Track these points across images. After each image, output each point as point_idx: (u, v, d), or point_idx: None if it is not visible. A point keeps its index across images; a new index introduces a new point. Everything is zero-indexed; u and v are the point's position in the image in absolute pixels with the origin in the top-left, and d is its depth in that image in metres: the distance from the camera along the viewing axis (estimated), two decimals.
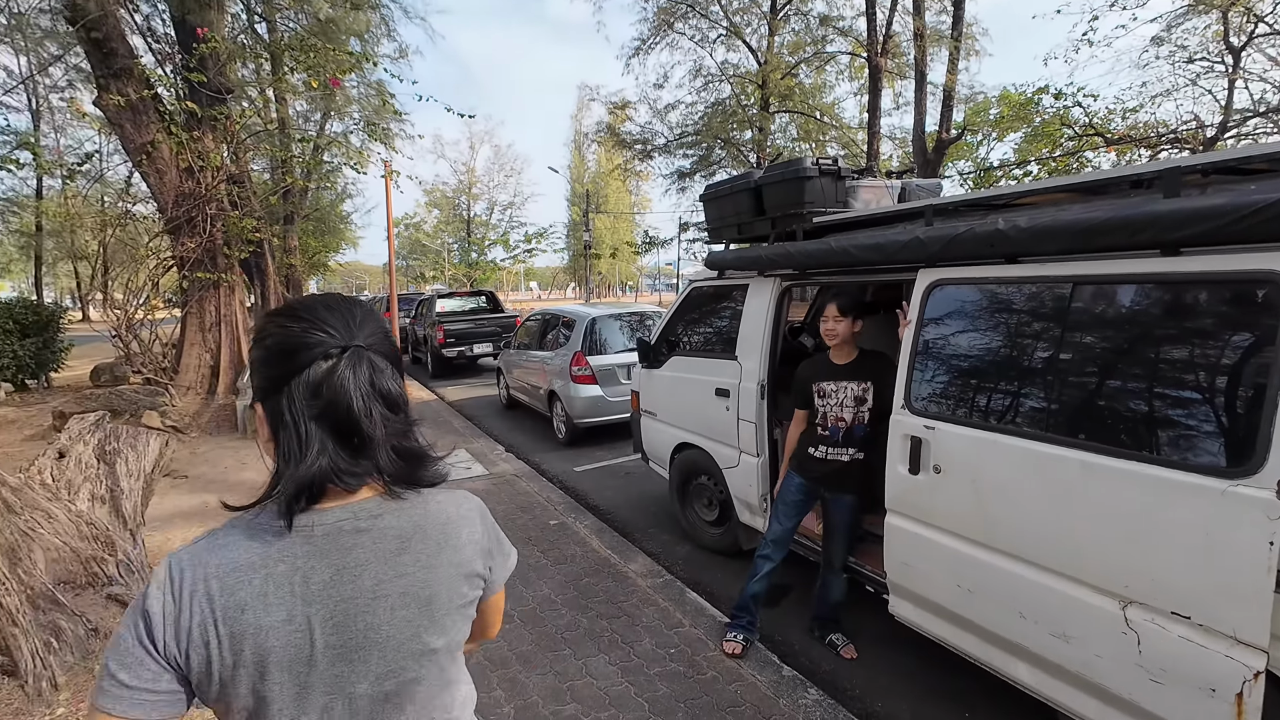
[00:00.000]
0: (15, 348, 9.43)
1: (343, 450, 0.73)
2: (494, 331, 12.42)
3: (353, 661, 0.73)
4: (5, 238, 30.43)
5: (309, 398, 0.71)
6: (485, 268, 34.01)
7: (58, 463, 3.07)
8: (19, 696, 2.48)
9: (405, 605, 0.76)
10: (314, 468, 0.71)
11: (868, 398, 2.73)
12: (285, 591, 0.70)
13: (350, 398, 0.71)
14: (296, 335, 0.73)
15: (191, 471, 5.78)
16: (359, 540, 0.74)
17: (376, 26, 16.38)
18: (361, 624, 0.73)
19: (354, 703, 0.74)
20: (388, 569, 0.75)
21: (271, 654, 0.69)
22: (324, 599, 0.72)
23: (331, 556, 0.73)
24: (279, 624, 0.70)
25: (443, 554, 0.80)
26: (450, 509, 0.83)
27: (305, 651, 0.71)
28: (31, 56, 18.18)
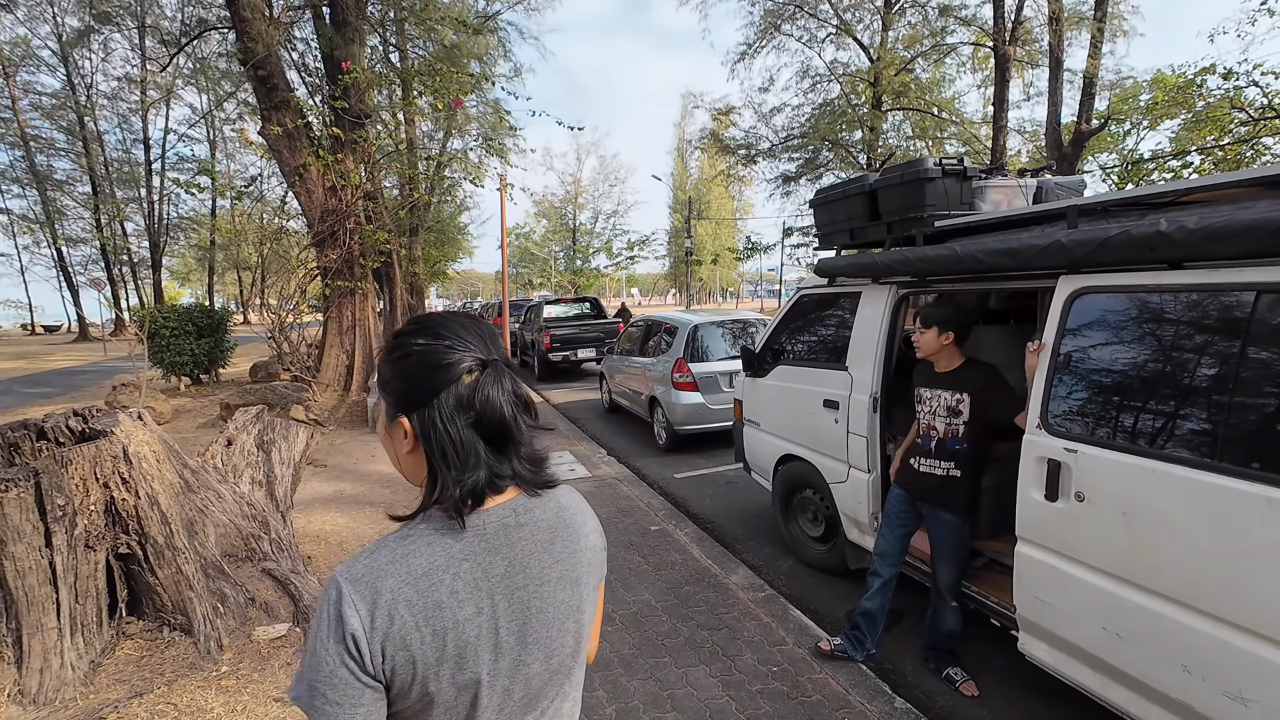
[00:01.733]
0: (192, 347, 10.89)
1: (496, 456, 0.80)
2: (597, 337, 12.74)
3: (527, 643, 0.80)
4: (187, 251, 35.29)
5: (459, 409, 0.76)
6: (589, 275, 34.99)
7: (226, 449, 3.50)
8: (192, 653, 2.85)
9: (563, 587, 0.84)
10: (479, 473, 0.77)
11: (962, 410, 2.57)
12: (472, 587, 0.76)
13: (502, 408, 0.78)
14: (441, 352, 0.78)
15: (329, 461, 6.39)
16: (521, 534, 0.81)
17: (494, 48, 17.41)
18: (534, 607, 0.80)
19: (529, 684, 0.80)
20: (546, 556, 0.83)
21: (468, 646, 0.74)
22: (503, 589, 0.78)
23: (503, 550, 0.79)
24: (471, 617, 0.75)
25: (580, 540, 0.88)
26: (573, 502, 0.91)
27: (492, 639, 0.77)
28: (210, 95, 20.91)
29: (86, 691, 2.55)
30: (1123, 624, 1.98)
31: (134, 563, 2.81)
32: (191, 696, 2.56)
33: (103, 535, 2.68)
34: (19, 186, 29.05)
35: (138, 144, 28.98)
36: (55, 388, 13.54)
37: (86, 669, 2.61)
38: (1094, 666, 2.13)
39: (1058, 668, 2.27)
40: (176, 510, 2.93)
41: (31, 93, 26.90)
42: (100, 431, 2.75)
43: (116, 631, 2.84)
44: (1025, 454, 2.30)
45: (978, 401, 2.54)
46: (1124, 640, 1.98)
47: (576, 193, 44.37)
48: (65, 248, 29.25)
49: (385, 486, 5.43)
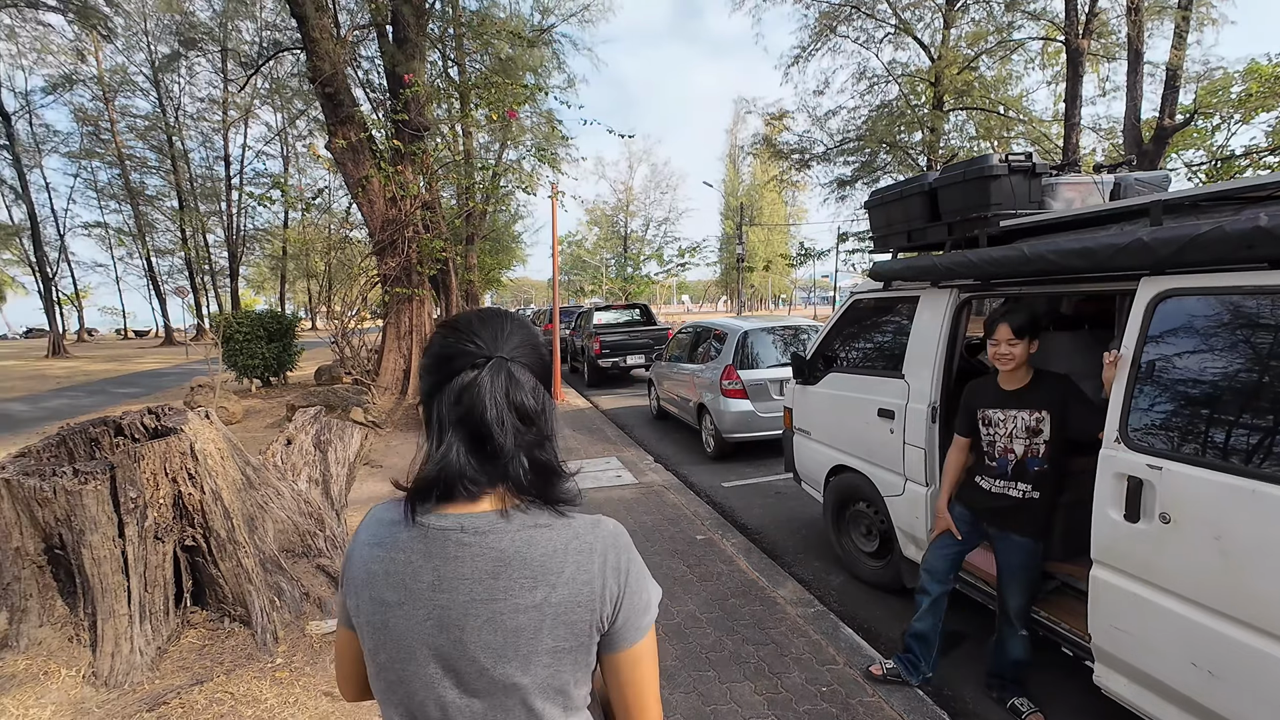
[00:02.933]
0: (264, 351, 11.48)
1: (473, 457, 0.75)
2: (646, 343, 12.73)
3: (443, 666, 0.74)
4: (261, 260, 37.40)
5: (453, 404, 0.75)
6: (639, 282, 35.13)
7: (286, 448, 3.64)
8: (250, 644, 2.95)
9: (491, 630, 0.73)
10: (438, 468, 0.74)
11: (1043, 429, 2.37)
12: (398, 579, 0.75)
13: (485, 407, 0.74)
14: (451, 345, 0.78)
15: (385, 461, 6.58)
16: (461, 552, 0.74)
17: (548, 60, 17.78)
18: (453, 635, 0.73)
19: (445, 710, 0.75)
20: (480, 589, 0.73)
21: (389, 628, 0.75)
22: (425, 600, 0.74)
23: (435, 560, 0.74)
24: (395, 603, 0.75)
25: (537, 589, 0.74)
26: (562, 541, 0.76)
27: (408, 638, 0.74)
28: (283, 113, 22.11)
29: (152, 676, 2.67)
30: (1216, 660, 1.79)
31: (198, 555, 2.94)
32: (248, 686, 2.65)
33: (170, 528, 2.81)
34: (115, 202, 31.51)
35: (219, 161, 30.97)
36: (141, 388, 14.53)
37: (153, 655, 2.73)
38: (1181, 706, 1.93)
39: (1138, 704, 2.08)
40: (238, 506, 3.05)
41: (127, 115, 29.15)
42: (171, 429, 2.90)
43: (181, 620, 2.97)
44: (1102, 470, 2.12)
45: (1058, 418, 2.34)
46: (1217, 678, 1.79)
47: (628, 200, 44.73)
48: (154, 258, 31.47)
49: None
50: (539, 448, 0.78)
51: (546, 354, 0.84)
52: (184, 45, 19.93)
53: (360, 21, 10.99)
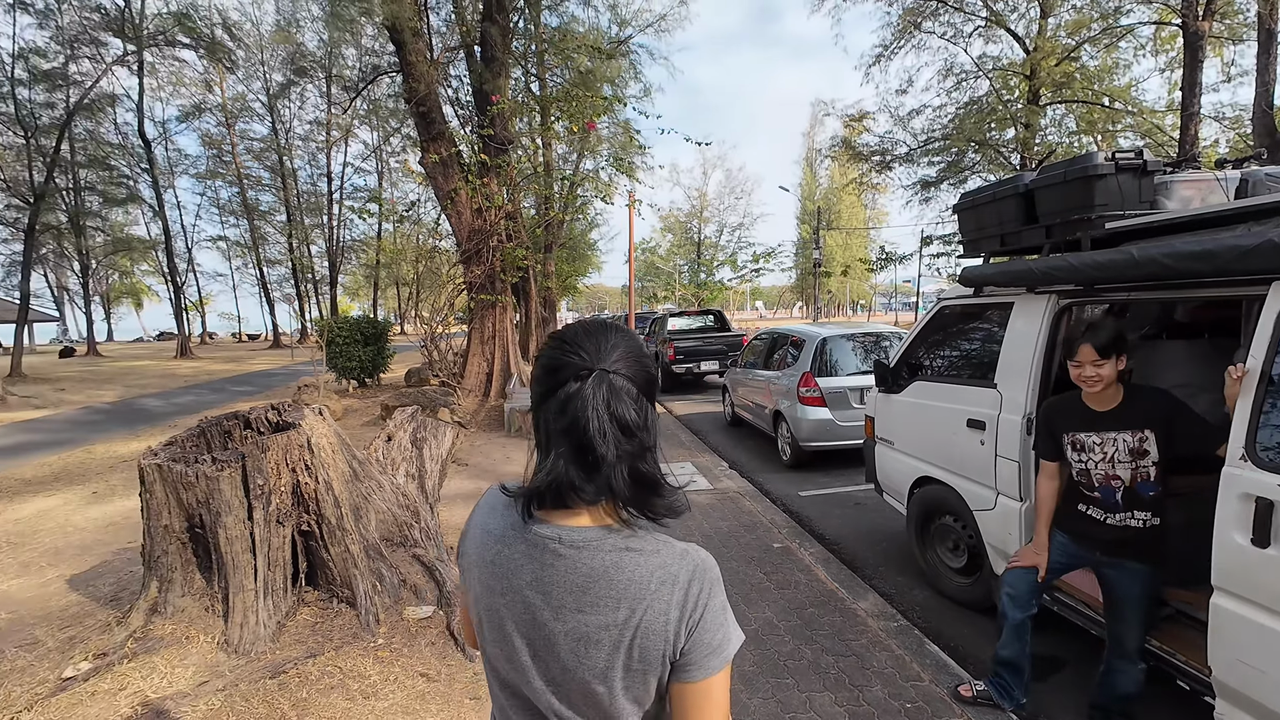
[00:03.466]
0: (360, 354, 12.30)
1: (578, 466, 0.76)
2: (720, 350, 12.70)
3: (534, 657, 0.80)
4: (357, 269, 40.01)
5: (558, 414, 0.77)
6: (713, 288, 35.00)
7: (386, 444, 3.91)
8: (355, 624, 3.20)
9: (573, 639, 0.77)
10: (549, 477, 0.76)
11: (1149, 449, 2.17)
12: (503, 571, 0.81)
13: (587, 418, 0.75)
14: (557, 357, 0.80)
15: (470, 460, 6.91)
16: (557, 562, 0.78)
17: (625, 71, 18.08)
18: (544, 634, 0.78)
19: (534, 695, 0.81)
20: (570, 599, 0.77)
21: (492, 610, 0.82)
22: (523, 596, 0.79)
23: (535, 564, 0.79)
24: (499, 591, 0.81)
25: (619, 609, 0.77)
26: (648, 568, 0.78)
27: (507, 625, 0.81)
28: (380, 131, 23.61)
29: (274, 647, 2.95)
30: None
31: (312, 539, 3.22)
32: (353, 663, 2.87)
33: (290, 513, 3.10)
34: (234, 217, 34.67)
35: (322, 177, 33.47)
36: (254, 387, 15.90)
37: (274, 628, 3.02)
38: None
39: None
40: (346, 496, 3.32)
41: (246, 139, 32.06)
42: (291, 424, 3.20)
43: (297, 599, 3.26)
44: (1225, 490, 1.97)
45: (1163, 436, 2.16)
46: None
47: (702, 206, 44.69)
48: (265, 268, 34.36)
49: None
50: (641, 460, 0.78)
51: (651, 365, 0.85)
52: (296, 74, 21.71)
53: (451, 44, 11.63)
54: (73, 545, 4.64)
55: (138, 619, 2.97)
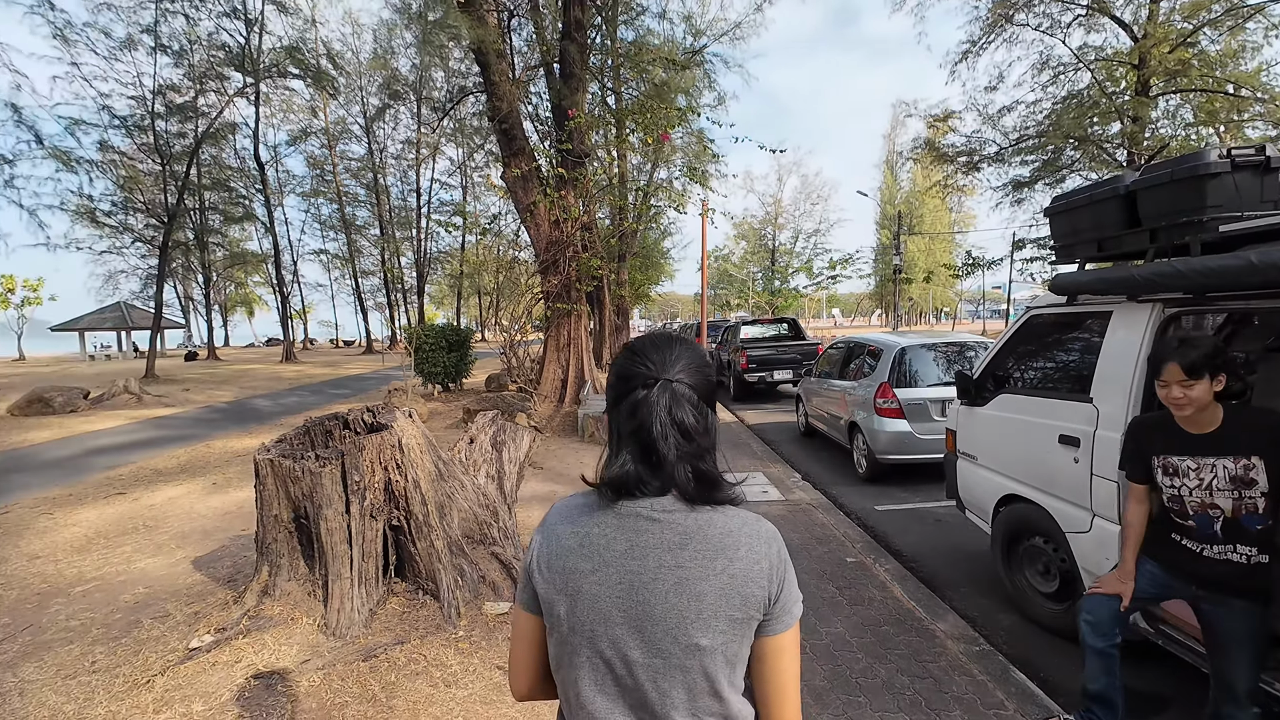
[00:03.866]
0: (445, 360, 12.95)
1: (643, 464, 0.86)
2: (794, 359, 12.47)
3: (630, 627, 0.85)
4: (442, 279, 42.08)
5: (627, 417, 0.88)
6: (787, 295, 34.35)
7: (469, 446, 4.13)
8: (438, 616, 3.39)
9: (678, 594, 0.84)
10: (620, 472, 0.87)
11: (1256, 478, 1.96)
12: (592, 549, 0.88)
13: (652, 422, 0.85)
14: (628, 367, 0.91)
15: (545, 464, 7.13)
16: (650, 527, 0.86)
17: (700, 80, 18.19)
18: (642, 597, 0.84)
19: (629, 667, 0.85)
20: (668, 557, 0.85)
21: (581, 592, 0.87)
22: (618, 566, 0.86)
23: (628, 533, 0.87)
24: (589, 571, 0.87)
25: (717, 559, 0.85)
26: (736, 524, 0.88)
27: (601, 601, 0.86)
28: (464, 148, 24.79)
29: (366, 633, 3.18)
30: None
31: (401, 534, 3.45)
32: (436, 652, 3.05)
33: (382, 508, 3.34)
34: (333, 232, 37.30)
35: (412, 193, 35.49)
36: (349, 390, 17.03)
37: (367, 615, 3.25)
38: None
39: None
40: (432, 494, 3.53)
41: (344, 159, 34.51)
42: (384, 425, 3.45)
43: (386, 589, 3.49)
44: None
45: (1275, 464, 1.95)
46: None
47: (776, 213, 44.04)
48: (360, 278, 36.76)
49: None
50: (700, 460, 0.87)
51: (711, 375, 0.94)
52: (391, 98, 23.15)
53: (531, 63, 12.12)
54: (196, 530, 5.16)
55: (251, 599, 3.28)
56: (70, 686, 2.85)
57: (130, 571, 4.30)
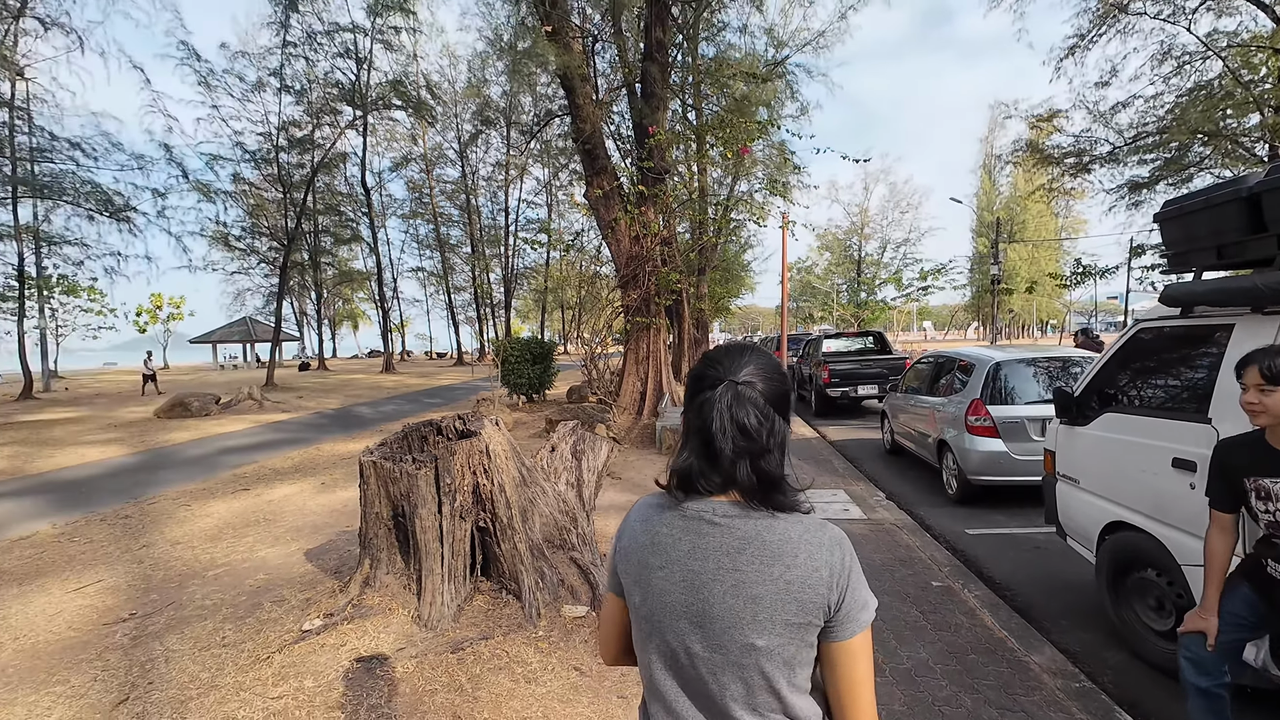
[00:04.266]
0: (529, 372, 13.46)
1: (704, 459, 0.93)
2: (880, 373, 12.03)
3: (692, 623, 0.91)
4: (528, 294, 43.71)
5: (695, 415, 0.94)
6: (874, 308, 33.11)
7: (550, 454, 4.31)
8: (520, 615, 3.56)
9: (734, 596, 0.89)
10: (684, 465, 0.94)
11: None
12: (661, 547, 0.95)
13: (711, 420, 0.91)
14: (702, 370, 0.98)
15: (623, 475, 7.27)
16: (711, 530, 0.92)
17: (781, 91, 18.03)
18: (702, 595, 0.90)
19: (692, 658, 0.91)
20: (726, 560, 0.90)
21: (651, 586, 0.95)
22: (681, 564, 0.93)
23: (691, 535, 0.93)
24: (658, 566, 0.95)
25: (774, 565, 0.89)
26: (796, 531, 0.91)
27: (667, 595, 0.93)
28: (549, 168, 25.76)
29: (454, 626, 3.39)
30: None
31: (487, 535, 3.66)
32: (518, 649, 3.21)
33: (470, 510, 3.55)
34: (429, 250, 39.68)
35: (501, 212, 37.19)
36: (441, 399, 18.00)
37: (455, 610, 3.47)
38: None
39: None
40: (516, 499, 3.72)
41: (440, 182, 36.73)
42: (473, 432, 3.68)
43: (473, 587, 3.70)
44: None
45: None
46: None
47: (863, 223, 42.63)
48: (452, 294, 38.84)
49: None
50: (760, 458, 0.91)
51: (781, 382, 0.97)
52: (483, 124, 24.45)
53: (614, 84, 12.50)
54: (308, 525, 5.66)
55: (354, 589, 3.58)
56: (205, 658, 3.23)
57: (253, 559, 4.78)
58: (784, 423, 0.97)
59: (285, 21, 20.85)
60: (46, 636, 3.65)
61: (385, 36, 23.44)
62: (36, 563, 5.03)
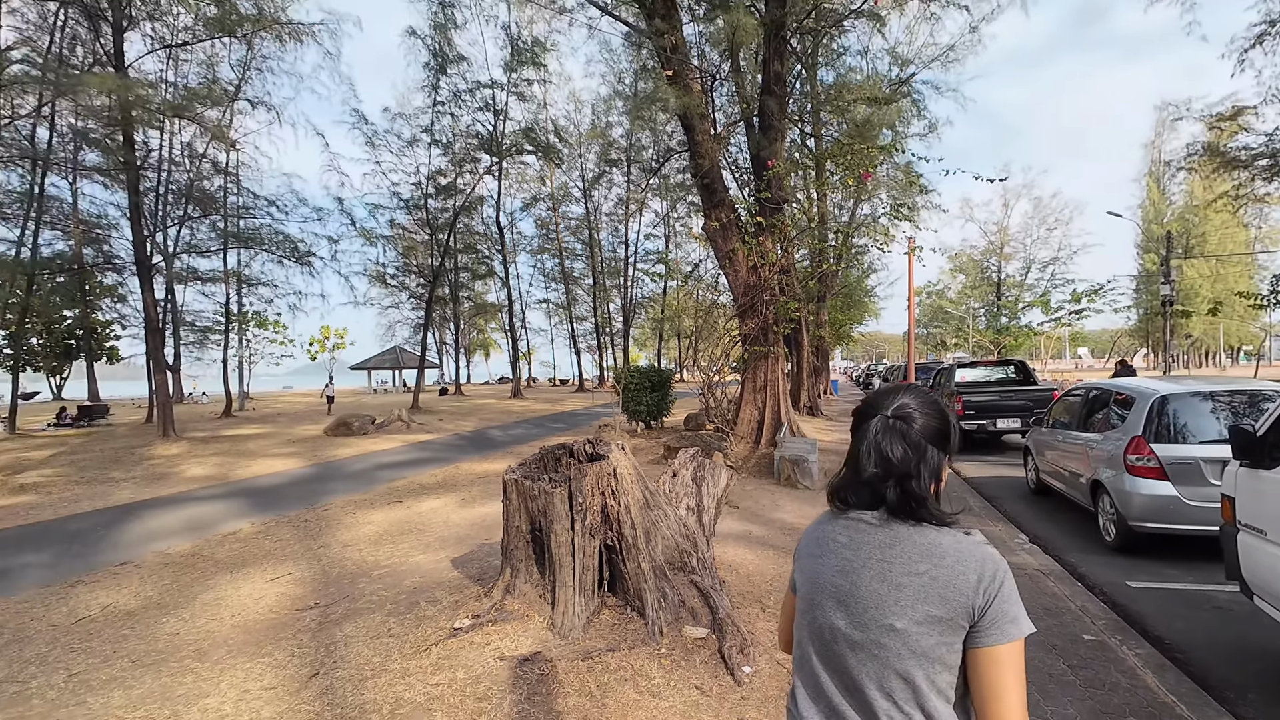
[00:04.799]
0: (648, 399, 13.85)
1: (852, 478, 1.11)
2: (1022, 405, 11.08)
3: (838, 601, 1.07)
4: (645, 323, 44.80)
5: (853, 442, 1.13)
6: (1017, 333, 30.35)
7: (672, 480, 4.50)
8: (643, 632, 3.73)
9: (880, 581, 1.03)
10: (836, 482, 1.14)
11: None
12: (824, 542, 1.14)
13: (859, 447, 1.10)
14: (864, 405, 1.16)
15: (741, 504, 7.29)
16: (866, 528, 1.08)
17: (906, 110, 17.44)
18: (851, 579, 1.06)
19: (834, 634, 1.06)
20: (877, 552, 1.05)
21: (811, 573, 1.14)
22: (838, 554, 1.10)
23: (850, 531, 1.10)
24: (818, 556, 1.13)
25: (922, 562, 1.01)
26: (948, 540, 1.02)
27: (821, 577, 1.11)
28: (667, 201, 26.50)
29: (584, 637, 3.64)
30: None
31: (613, 553, 3.90)
32: (642, 663, 3.38)
33: (598, 529, 3.82)
34: (554, 283, 42.00)
35: (620, 244, 38.69)
36: (564, 424, 18.91)
37: (584, 621, 3.72)
38: None
39: None
40: (640, 520, 3.94)
41: (565, 218, 39.00)
42: (602, 455, 3.97)
43: (600, 601, 3.94)
44: None
45: None
46: None
47: (1002, 242, 39.45)
48: (575, 323, 40.76)
49: (788, 534, 5.93)
50: (906, 481, 1.04)
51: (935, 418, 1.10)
52: (607, 164, 25.82)
53: (732, 118, 12.80)
54: (452, 535, 6.26)
55: (497, 595, 3.96)
56: (375, 645, 3.72)
57: (408, 563, 5.38)
58: (938, 453, 1.08)
59: (436, 84, 23.51)
60: (254, 615, 4.37)
61: (519, 89, 25.67)
62: (241, 555, 5.99)
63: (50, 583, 5.33)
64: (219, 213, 20.16)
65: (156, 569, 5.61)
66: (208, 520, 7.49)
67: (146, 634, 4.14)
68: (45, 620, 4.49)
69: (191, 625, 4.26)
